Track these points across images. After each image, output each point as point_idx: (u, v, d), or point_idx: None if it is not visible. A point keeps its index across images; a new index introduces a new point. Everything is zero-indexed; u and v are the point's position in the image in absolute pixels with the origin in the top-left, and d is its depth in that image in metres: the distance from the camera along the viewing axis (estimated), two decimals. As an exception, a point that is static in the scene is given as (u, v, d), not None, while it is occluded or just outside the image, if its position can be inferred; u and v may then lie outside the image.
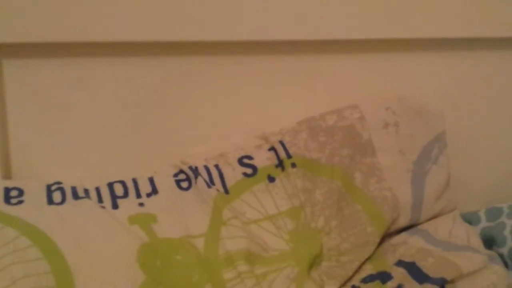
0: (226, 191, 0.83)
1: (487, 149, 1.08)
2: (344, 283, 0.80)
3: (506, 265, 0.93)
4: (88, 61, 0.82)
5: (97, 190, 0.79)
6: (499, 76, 1.04)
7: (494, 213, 0.98)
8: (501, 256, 0.93)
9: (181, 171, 0.84)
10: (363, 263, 0.83)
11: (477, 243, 0.89)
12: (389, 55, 0.97)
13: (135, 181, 0.81)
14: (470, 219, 1.00)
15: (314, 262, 0.81)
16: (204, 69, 0.88)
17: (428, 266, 0.80)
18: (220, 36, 0.84)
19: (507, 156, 1.10)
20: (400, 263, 0.82)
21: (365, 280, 0.80)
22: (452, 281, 0.79)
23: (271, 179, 0.86)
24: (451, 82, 1.01)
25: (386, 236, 0.89)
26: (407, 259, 0.82)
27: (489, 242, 0.96)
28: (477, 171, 1.08)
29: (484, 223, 0.98)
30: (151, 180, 0.82)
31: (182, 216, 0.79)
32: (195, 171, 0.84)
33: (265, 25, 0.86)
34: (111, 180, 0.81)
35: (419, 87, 0.99)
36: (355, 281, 0.80)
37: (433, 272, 0.78)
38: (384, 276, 0.79)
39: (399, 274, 0.79)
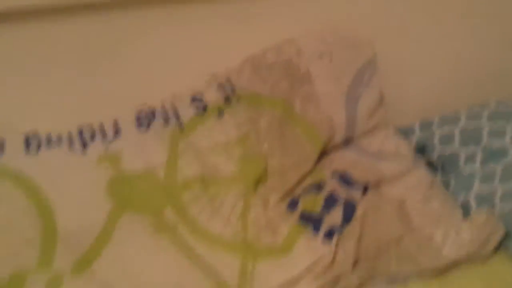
0: (181, 127, 0.96)
1: (418, 69, 1.19)
2: (286, 194, 0.94)
3: (436, 169, 1.06)
4: (40, 26, 0.90)
5: (69, 134, 0.91)
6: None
7: (426, 125, 1.11)
8: (431, 162, 1.07)
9: (141, 113, 0.96)
10: (303, 177, 0.97)
11: (406, 151, 1.02)
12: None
13: (101, 125, 0.94)
14: (406, 132, 1.13)
15: (259, 180, 0.94)
16: (152, 19, 0.96)
17: (356, 173, 0.93)
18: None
19: (436, 74, 1.21)
20: (334, 174, 0.96)
21: (303, 191, 0.94)
22: (377, 185, 0.93)
23: (221, 113, 0.98)
24: (380, 9, 1.09)
25: (324, 152, 1.02)
26: (340, 170, 0.96)
27: (422, 150, 1.09)
28: (412, 89, 1.20)
29: (417, 134, 1.11)
30: (115, 123, 0.94)
31: (144, 152, 0.92)
32: (153, 112, 0.96)
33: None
34: (81, 125, 0.93)
35: (349, 16, 1.07)
36: (295, 193, 0.94)
37: (360, 178, 0.92)
38: (320, 187, 0.93)
39: (332, 183, 0.93)
